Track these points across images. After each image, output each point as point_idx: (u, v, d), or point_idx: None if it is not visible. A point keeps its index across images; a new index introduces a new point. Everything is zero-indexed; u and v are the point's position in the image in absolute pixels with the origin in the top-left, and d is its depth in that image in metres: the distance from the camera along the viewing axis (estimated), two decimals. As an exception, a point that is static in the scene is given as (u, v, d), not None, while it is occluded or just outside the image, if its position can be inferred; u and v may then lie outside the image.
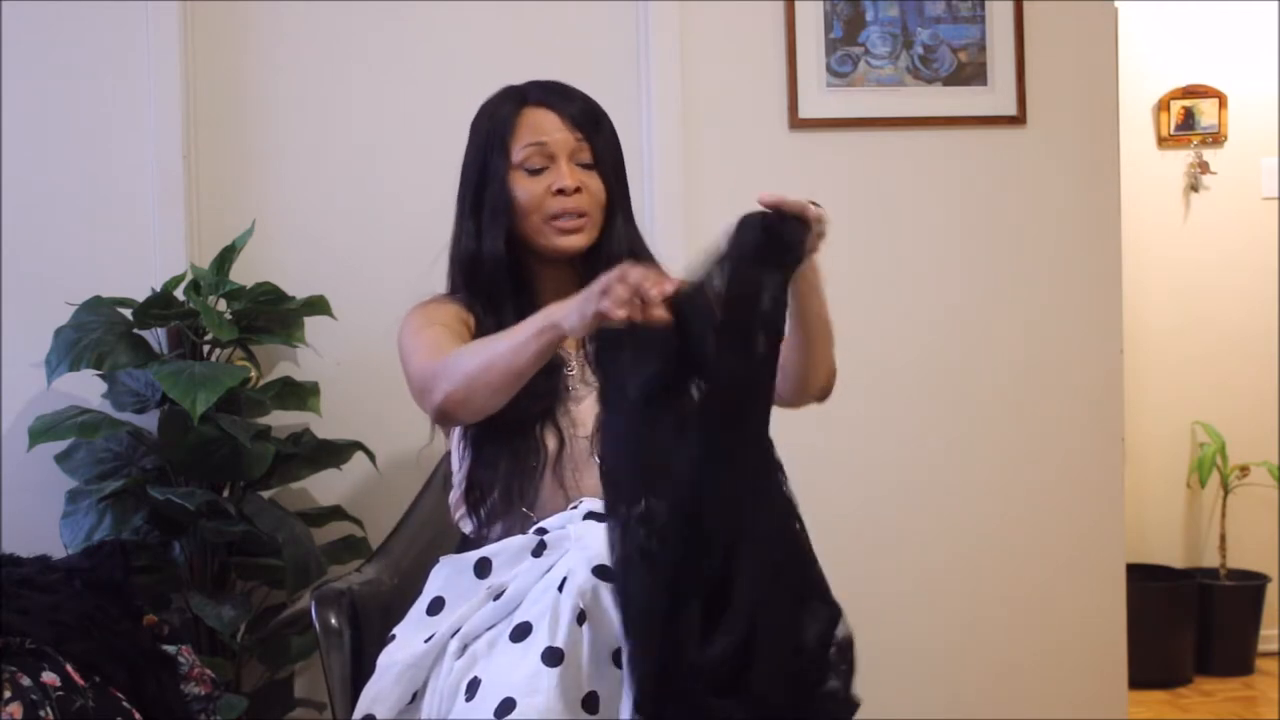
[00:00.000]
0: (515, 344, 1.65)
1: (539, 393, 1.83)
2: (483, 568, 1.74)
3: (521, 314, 1.89)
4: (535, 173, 1.88)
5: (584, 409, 1.87)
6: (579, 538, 1.65)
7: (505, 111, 1.92)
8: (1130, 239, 3.41)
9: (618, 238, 1.93)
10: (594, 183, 1.90)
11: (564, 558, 1.64)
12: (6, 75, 2.52)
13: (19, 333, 2.51)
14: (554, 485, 1.82)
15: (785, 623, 1.50)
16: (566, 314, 1.57)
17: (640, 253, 1.96)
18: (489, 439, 1.84)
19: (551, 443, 1.83)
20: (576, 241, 1.90)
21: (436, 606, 1.75)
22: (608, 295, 1.50)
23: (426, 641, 1.70)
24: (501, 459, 1.83)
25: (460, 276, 1.95)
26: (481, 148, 1.93)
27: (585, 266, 1.95)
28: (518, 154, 1.88)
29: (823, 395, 1.87)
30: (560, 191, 1.87)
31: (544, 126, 1.89)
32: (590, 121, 1.91)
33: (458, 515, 1.92)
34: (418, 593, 1.81)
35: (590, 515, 1.71)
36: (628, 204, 1.98)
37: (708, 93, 2.74)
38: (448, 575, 1.78)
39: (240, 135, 2.62)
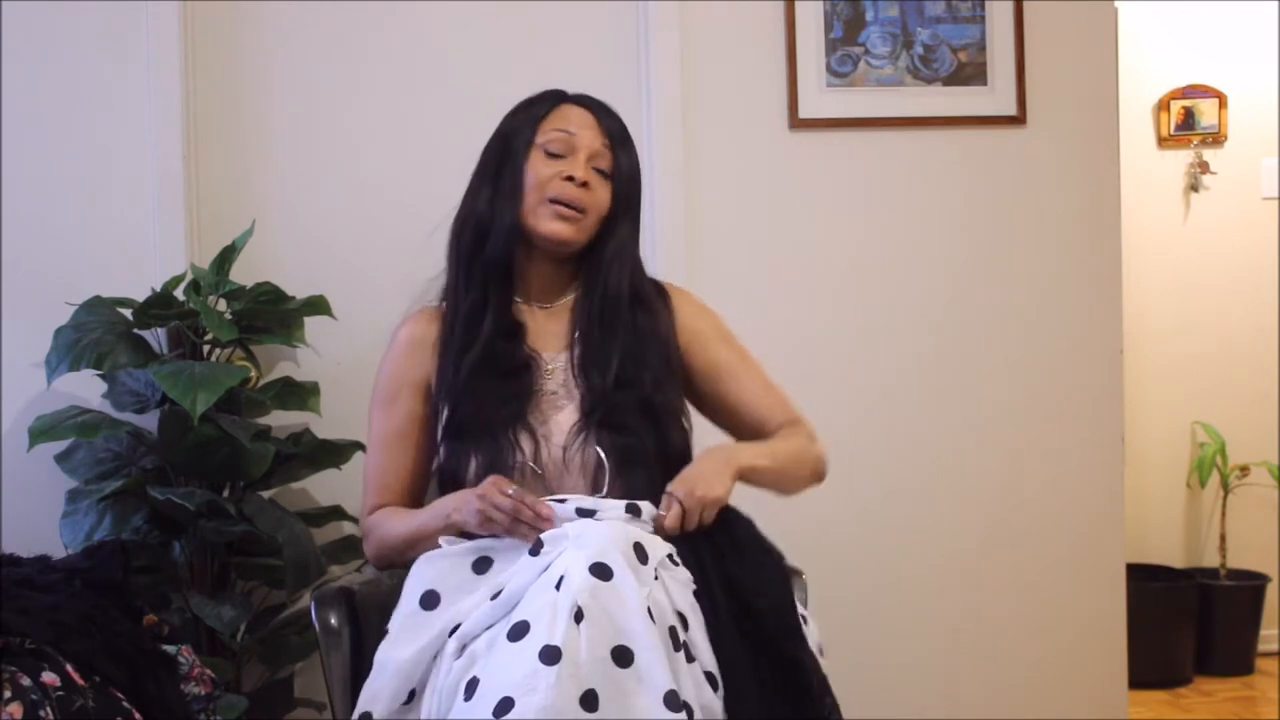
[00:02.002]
0: (424, 536, 1.84)
1: (505, 397, 1.86)
2: (482, 564, 1.74)
3: (501, 328, 1.92)
4: (553, 156, 1.91)
5: (564, 417, 1.88)
6: (577, 536, 1.66)
7: (544, 100, 1.96)
8: (1130, 239, 3.41)
9: (614, 250, 1.94)
10: (602, 189, 1.92)
11: (561, 556, 1.65)
12: (7, 75, 2.52)
13: (19, 333, 2.51)
14: (536, 486, 1.83)
15: None
16: (463, 516, 1.77)
17: (635, 280, 1.96)
18: (460, 442, 1.87)
19: (527, 445, 1.84)
20: (563, 230, 1.90)
21: (431, 601, 1.74)
22: (488, 519, 1.73)
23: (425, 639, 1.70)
24: (473, 459, 1.84)
25: (462, 251, 1.95)
26: (509, 128, 1.96)
27: (581, 269, 1.97)
28: (543, 135, 1.91)
29: (814, 484, 2.02)
30: (569, 179, 1.88)
31: (575, 120, 1.93)
32: (620, 137, 1.95)
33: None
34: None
35: (579, 512, 1.73)
36: (635, 229, 1.98)
37: (708, 93, 2.74)
38: (441, 569, 1.77)
39: (240, 135, 2.62)
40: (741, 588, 1.72)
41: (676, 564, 1.71)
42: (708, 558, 1.74)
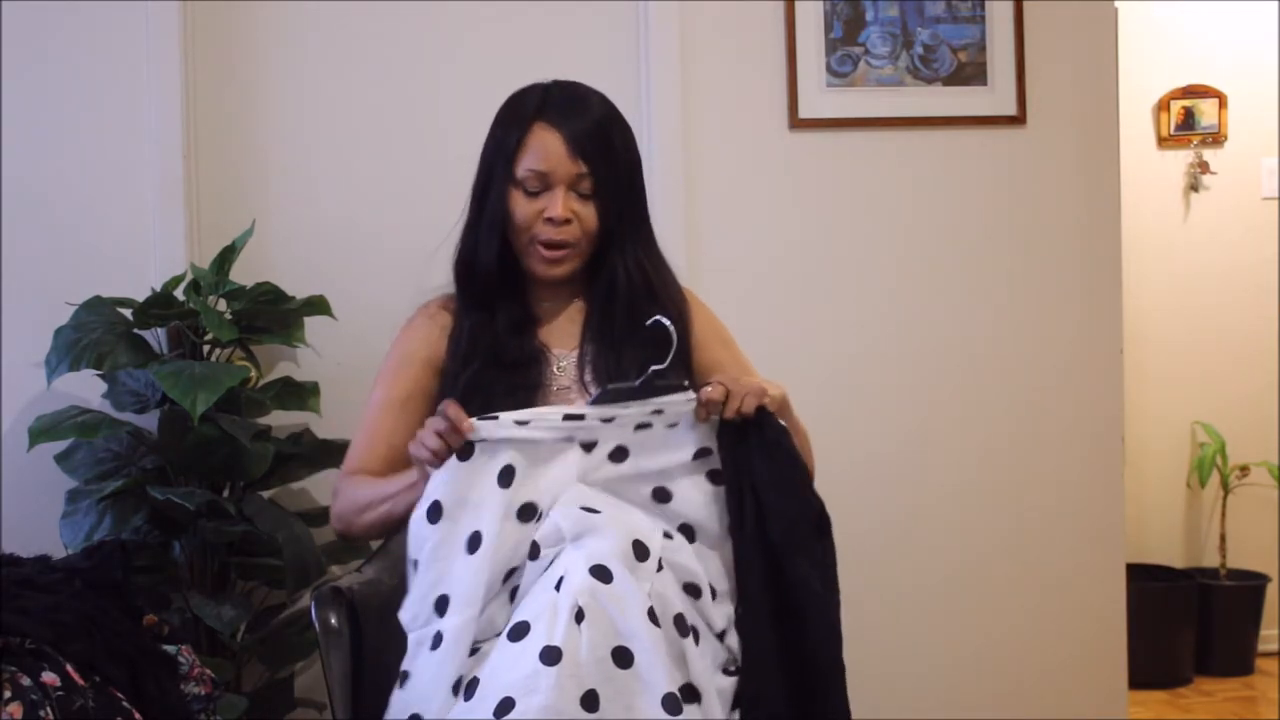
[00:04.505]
0: (391, 496, 1.83)
1: (513, 388, 1.87)
2: (505, 476, 1.67)
3: (513, 321, 1.91)
4: (532, 194, 1.89)
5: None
6: (575, 538, 1.65)
7: (520, 120, 1.90)
8: (1130, 239, 3.41)
9: (620, 263, 1.93)
10: (588, 213, 1.90)
11: (561, 557, 1.64)
12: (7, 75, 2.52)
13: (19, 333, 2.51)
14: None
15: None
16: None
17: (653, 274, 1.95)
18: None
19: None
20: (555, 272, 1.92)
21: (436, 514, 1.67)
22: (421, 447, 1.66)
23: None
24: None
25: (456, 275, 1.98)
26: (492, 152, 1.93)
27: (586, 287, 1.97)
28: (520, 172, 1.89)
29: None
30: (550, 220, 1.88)
31: (548, 153, 1.88)
32: (598, 147, 1.89)
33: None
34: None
35: (646, 388, 1.72)
36: (639, 225, 1.96)
37: (708, 93, 2.74)
38: (453, 480, 1.68)
39: (240, 135, 2.62)
40: (756, 490, 1.73)
41: (671, 537, 1.71)
42: (742, 454, 1.74)
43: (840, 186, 2.82)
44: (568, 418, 1.70)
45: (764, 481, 1.74)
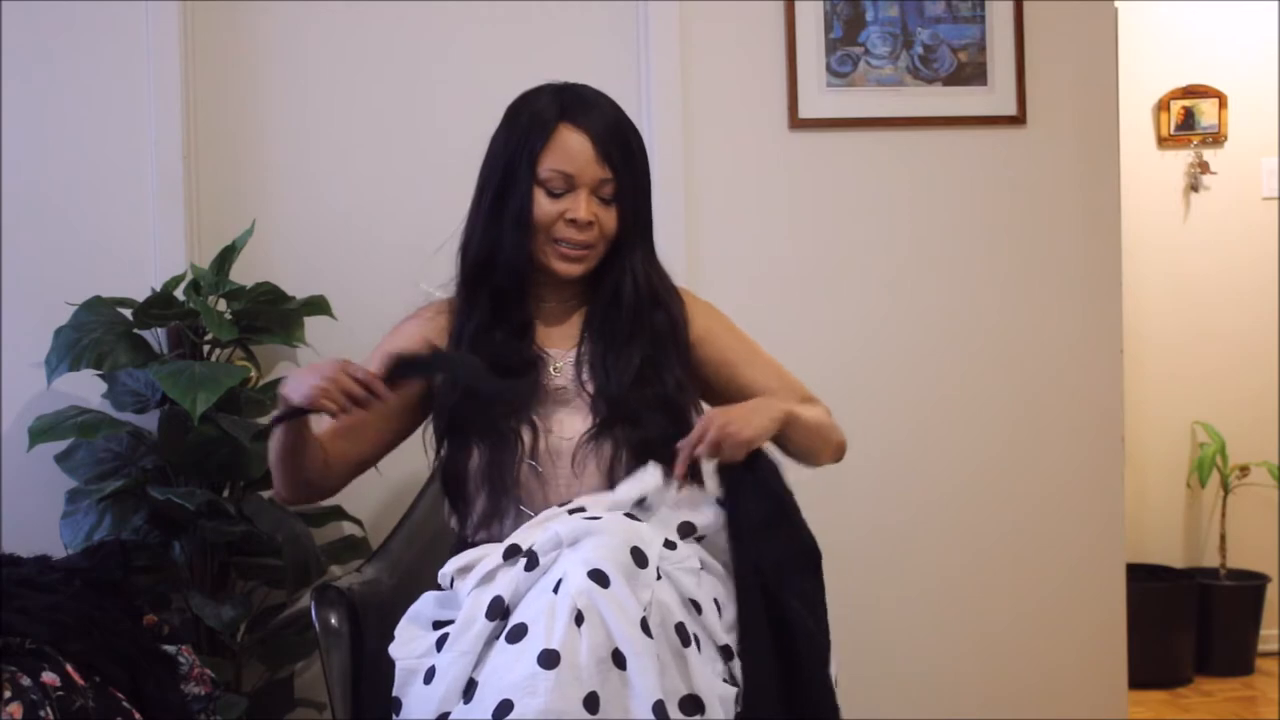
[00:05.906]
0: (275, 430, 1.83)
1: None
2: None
3: (513, 326, 1.92)
4: (555, 195, 1.88)
5: (569, 412, 1.89)
6: (572, 544, 1.64)
7: (543, 120, 1.89)
8: (1130, 239, 3.41)
9: (627, 269, 1.94)
10: (608, 217, 1.91)
11: (559, 561, 1.64)
12: (6, 75, 2.52)
13: (19, 333, 2.51)
14: (531, 476, 1.83)
15: None
16: (293, 388, 1.75)
17: (654, 283, 1.96)
18: (462, 435, 1.87)
19: (526, 436, 1.84)
20: (573, 269, 1.92)
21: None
22: (308, 391, 1.72)
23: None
24: (475, 452, 1.85)
25: (468, 275, 1.95)
26: (511, 151, 1.90)
27: (589, 291, 1.97)
28: (544, 172, 1.88)
29: (834, 462, 2.03)
30: (573, 222, 1.88)
31: (575, 154, 1.87)
32: (621, 151, 1.89)
33: (449, 516, 1.93)
34: (418, 594, 1.80)
35: (575, 511, 1.73)
36: (648, 233, 1.98)
37: (708, 93, 2.74)
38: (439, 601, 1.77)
39: (240, 135, 2.62)
40: (750, 532, 1.76)
41: (674, 546, 1.71)
42: (736, 495, 1.78)
43: (840, 186, 2.82)
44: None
45: (756, 523, 1.77)
